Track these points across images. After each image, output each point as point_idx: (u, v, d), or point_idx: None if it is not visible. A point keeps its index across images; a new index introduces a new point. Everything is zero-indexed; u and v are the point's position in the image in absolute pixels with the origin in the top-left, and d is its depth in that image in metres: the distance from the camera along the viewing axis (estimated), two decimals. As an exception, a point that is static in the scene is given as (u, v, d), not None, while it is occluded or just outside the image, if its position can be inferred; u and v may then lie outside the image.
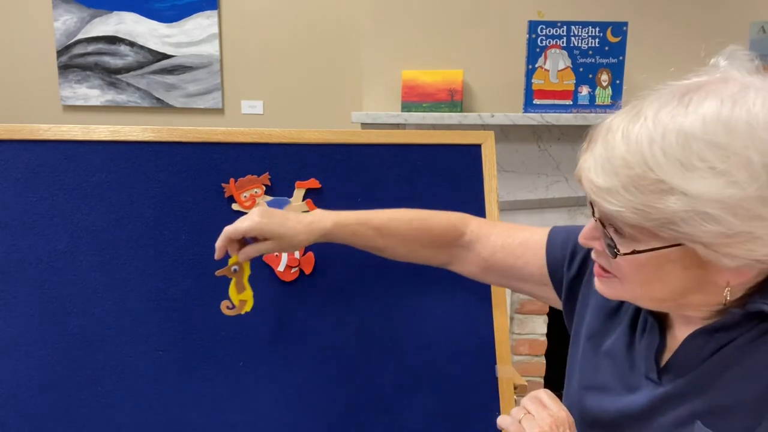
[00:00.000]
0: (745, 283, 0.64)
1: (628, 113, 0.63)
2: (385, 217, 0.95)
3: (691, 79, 0.63)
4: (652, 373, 0.72)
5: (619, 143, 0.61)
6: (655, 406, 0.71)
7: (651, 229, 0.61)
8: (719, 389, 0.66)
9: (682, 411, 0.68)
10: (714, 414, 0.66)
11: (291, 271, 1.08)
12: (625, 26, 2.21)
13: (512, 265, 0.92)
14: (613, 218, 0.63)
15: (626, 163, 0.60)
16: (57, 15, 2.88)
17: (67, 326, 1.02)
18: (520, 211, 2.42)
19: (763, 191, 0.56)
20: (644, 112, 0.61)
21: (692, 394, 0.68)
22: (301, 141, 1.11)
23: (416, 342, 1.07)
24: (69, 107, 2.99)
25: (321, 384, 1.05)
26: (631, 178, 0.59)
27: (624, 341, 0.78)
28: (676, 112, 0.59)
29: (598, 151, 0.63)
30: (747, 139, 0.56)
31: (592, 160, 0.63)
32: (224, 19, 2.88)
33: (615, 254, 0.65)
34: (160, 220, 1.07)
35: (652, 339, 0.74)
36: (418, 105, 2.31)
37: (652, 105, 0.61)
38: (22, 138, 1.06)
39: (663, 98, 0.62)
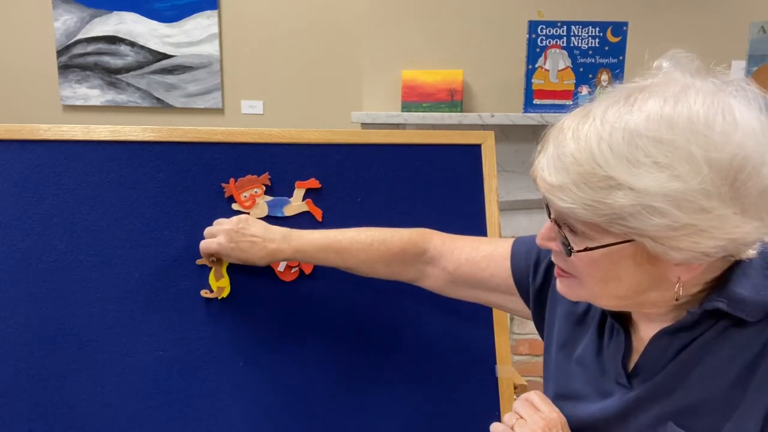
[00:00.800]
0: (696, 278, 0.65)
1: (578, 114, 0.65)
2: (345, 240, 0.97)
3: (637, 82, 0.65)
4: (621, 378, 0.73)
5: (569, 142, 0.63)
6: (627, 410, 0.71)
7: (602, 225, 0.62)
8: (687, 388, 0.67)
9: (654, 413, 0.69)
10: (685, 413, 0.67)
11: (291, 271, 1.08)
12: (625, 26, 2.21)
13: (478, 277, 0.94)
14: (566, 216, 0.65)
15: (576, 160, 0.62)
16: (57, 15, 2.88)
17: (67, 326, 1.02)
18: (520, 211, 2.42)
19: (705, 184, 0.57)
20: (593, 113, 0.63)
21: (662, 395, 0.69)
22: (301, 141, 1.11)
23: (416, 342, 1.07)
24: (69, 107, 2.99)
25: (321, 384, 1.05)
26: (581, 175, 0.61)
27: (593, 347, 0.79)
28: (622, 111, 0.61)
29: (550, 150, 0.65)
30: (688, 134, 0.58)
31: (545, 160, 0.66)
32: (224, 19, 2.88)
33: (569, 252, 0.66)
34: (160, 220, 1.07)
35: (618, 344, 0.75)
36: (418, 105, 2.31)
37: (600, 105, 0.64)
38: (22, 138, 1.06)
39: (610, 99, 0.64)
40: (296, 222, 1.09)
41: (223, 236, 0.99)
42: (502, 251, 0.93)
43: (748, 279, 0.66)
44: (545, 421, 0.73)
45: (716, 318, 0.67)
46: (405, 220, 1.10)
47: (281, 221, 1.08)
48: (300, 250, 0.97)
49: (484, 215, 1.12)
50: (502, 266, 0.92)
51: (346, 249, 0.97)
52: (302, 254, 0.98)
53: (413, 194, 1.12)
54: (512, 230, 2.45)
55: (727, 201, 0.58)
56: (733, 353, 0.66)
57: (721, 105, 0.59)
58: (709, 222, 0.59)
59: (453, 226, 1.11)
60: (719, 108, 0.59)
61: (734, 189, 0.58)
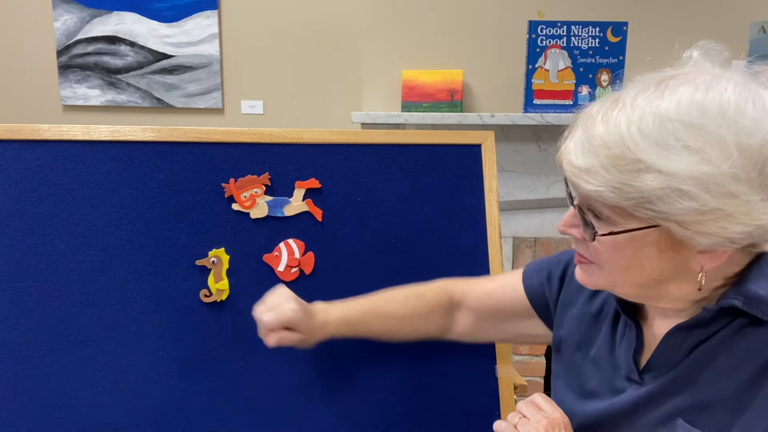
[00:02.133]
0: (718, 270, 0.65)
1: (607, 100, 0.66)
2: (380, 301, 0.98)
3: (667, 71, 0.66)
4: (633, 374, 0.73)
5: (598, 126, 0.63)
6: (638, 406, 0.71)
7: (628, 209, 0.62)
8: (699, 386, 0.67)
9: (664, 409, 0.69)
10: (695, 410, 0.67)
11: (291, 271, 1.08)
12: (625, 26, 2.21)
13: (498, 307, 0.96)
14: (592, 199, 0.65)
15: (605, 143, 0.62)
16: (57, 15, 2.88)
17: (67, 326, 1.02)
18: (520, 211, 2.42)
19: (735, 169, 0.58)
20: (622, 99, 0.64)
21: (673, 391, 0.69)
22: (301, 141, 1.11)
23: (416, 342, 1.07)
24: (69, 107, 2.99)
25: (321, 384, 1.05)
26: (610, 158, 0.61)
27: (606, 345, 0.79)
28: (652, 96, 0.62)
29: (578, 134, 0.65)
30: (719, 119, 0.59)
31: (573, 144, 0.66)
32: (224, 19, 2.88)
33: (593, 236, 0.66)
34: (160, 220, 1.07)
35: (629, 339, 0.75)
36: (418, 105, 2.31)
37: (630, 92, 0.64)
38: (22, 138, 1.06)
39: (640, 86, 0.64)
40: (296, 222, 1.09)
41: (293, 301, 0.91)
42: (514, 278, 0.96)
43: (766, 278, 0.65)
44: (548, 420, 0.73)
45: (733, 316, 0.66)
46: (405, 220, 1.10)
47: (281, 221, 1.08)
48: (342, 320, 0.96)
49: (484, 215, 1.12)
50: (516, 291, 0.94)
51: (383, 310, 0.97)
52: (344, 325, 0.96)
53: (413, 194, 1.12)
54: (512, 230, 2.45)
55: (756, 187, 0.59)
56: (748, 352, 0.65)
57: (752, 93, 0.60)
58: (737, 207, 0.59)
59: (453, 227, 1.11)
60: (750, 96, 0.60)
61: (763, 175, 0.59)
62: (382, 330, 0.98)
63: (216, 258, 1.06)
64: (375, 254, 1.09)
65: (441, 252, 1.10)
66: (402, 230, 1.10)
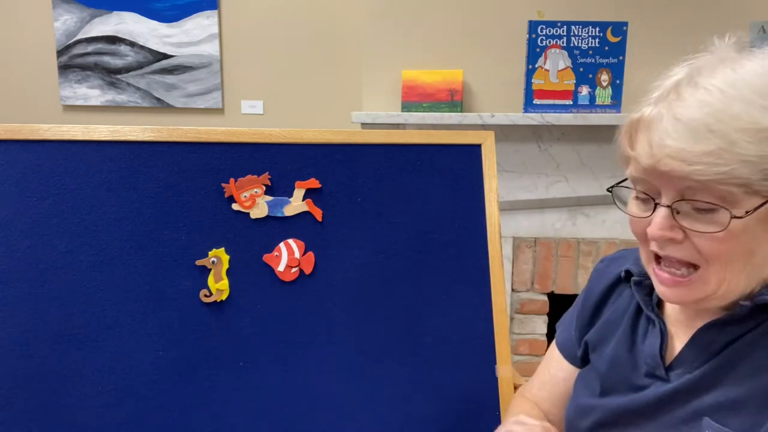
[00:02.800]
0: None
1: (669, 93, 0.64)
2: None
3: (695, 60, 0.67)
4: (659, 370, 0.72)
5: (695, 108, 0.61)
6: (662, 403, 0.70)
7: (755, 184, 0.60)
8: (729, 384, 0.66)
9: (691, 407, 0.68)
10: (723, 409, 0.65)
11: (291, 271, 1.08)
12: (625, 26, 2.21)
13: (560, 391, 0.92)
14: (711, 185, 0.61)
15: (720, 120, 0.60)
16: (57, 15, 2.88)
17: (67, 326, 1.02)
18: (520, 211, 2.43)
19: None
20: (695, 80, 0.63)
21: (701, 389, 0.68)
22: (301, 141, 1.11)
23: (416, 342, 1.07)
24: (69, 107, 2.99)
25: (321, 384, 1.05)
26: (735, 131, 0.59)
27: (625, 344, 0.78)
28: (737, 65, 0.62)
29: (672, 125, 0.62)
30: None
31: (671, 135, 0.62)
32: (224, 19, 2.88)
33: (729, 221, 0.61)
34: (160, 220, 1.07)
35: (654, 336, 0.74)
36: (418, 105, 2.31)
37: (701, 73, 0.63)
38: (22, 138, 1.06)
39: (707, 67, 0.64)
40: (296, 222, 1.09)
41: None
42: (552, 351, 0.95)
43: None
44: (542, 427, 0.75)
45: (766, 314, 0.66)
46: (405, 220, 1.10)
47: (281, 221, 1.08)
48: None
49: (484, 215, 1.12)
50: (559, 362, 0.93)
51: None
52: None
53: (413, 194, 1.12)
54: (512, 230, 2.45)
55: None
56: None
57: None
58: None
59: (453, 226, 1.11)
60: None
61: None
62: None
63: (216, 258, 1.06)
64: (375, 254, 1.09)
65: (441, 252, 1.10)
66: (402, 230, 1.10)
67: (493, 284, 1.09)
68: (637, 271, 0.79)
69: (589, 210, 2.43)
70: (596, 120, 2.22)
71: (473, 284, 1.09)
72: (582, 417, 0.80)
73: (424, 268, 1.09)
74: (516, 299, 2.50)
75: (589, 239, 2.45)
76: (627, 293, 0.83)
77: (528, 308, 2.50)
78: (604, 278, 0.87)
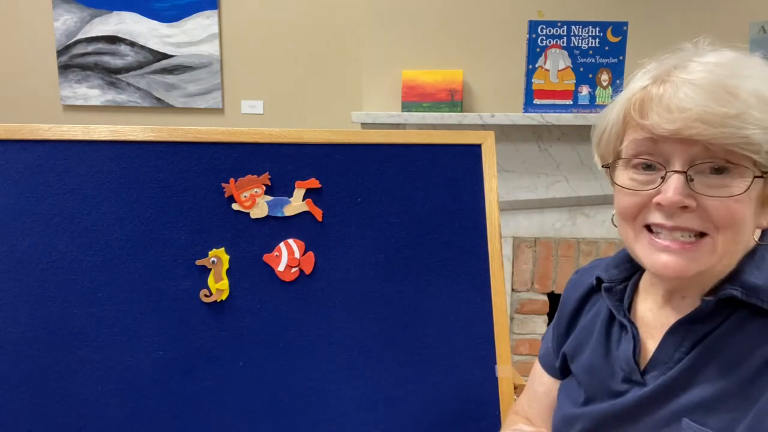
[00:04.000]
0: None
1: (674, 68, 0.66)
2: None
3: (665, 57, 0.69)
4: (635, 375, 0.72)
5: (708, 72, 0.63)
6: (641, 407, 0.70)
7: (760, 153, 0.61)
8: (703, 383, 0.66)
9: (669, 408, 0.68)
10: (700, 408, 0.65)
11: (291, 271, 1.08)
12: (625, 26, 2.21)
13: (545, 405, 0.92)
14: (737, 147, 0.61)
15: (736, 84, 0.61)
16: (57, 15, 2.88)
17: (67, 326, 1.02)
18: (520, 211, 2.42)
19: None
20: (691, 59, 0.65)
21: (677, 390, 0.68)
22: (301, 141, 1.11)
23: (416, 342, 1.07)
24: (69, 107, 2.99)
25: (321, 384, 1.05)
26: (753, 96, 0.61)
27: (600, 351, 0.78)
28: (716, 55, 0.65)
29: (692, 89, 0.62)
30: None
31: (694, 98, 0.61)
32: (224, 19, 2.88)
33: (749, 184, 0.62)
34: (160, 220, 1.07)
35: (627, 342, 0.74)
36: (418, 105, 2.31)
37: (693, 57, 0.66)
38: (22, 138, 1.06)
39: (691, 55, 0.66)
40: (296, 222, 1.09)
41: None
42: (536, 366, 0.94)
43: (760, 270, 0.65)
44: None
45: (730, 310, 0.66)
46: (405, 220, 1.10)
47: (281, 221, 1.08)
48: None
49: (484, 215, 1.12)
50: (541, 377, 0.93)
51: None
52: None
53: (413, 194, 1.12)
54: (512, 230, 2.45)
55: None
56: (752, 345, 0.64)
57: None
58: None
59: (453, 226, 1.11)
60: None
61: None
62: None
63: (216, 258, 1.06)
64: (375, 254, 1.09)
65: (441, 252, 1.10)
66: (402, 230, 1.10)
67: (493, 284, 1.09)
68: (607, 278, 0.79)
69: (589, 210, 2.43)
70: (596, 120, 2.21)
71: (473, 284, 1.09)
72: (567, 427, 0.80)
73: (424, 268, 1.09)
74: (516, 299, 2.50)
75: (589, 239, 2.45)
76: (600, 300, 0.83)
77: (528, 308, 2.50)
78: (577, 289, 0.87)
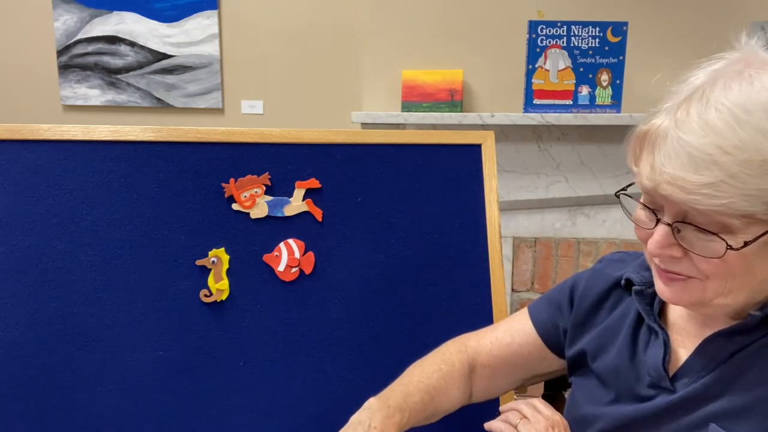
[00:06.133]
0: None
1: (680, 107, 0.62)
2: (421, 377, 0.89)
3: (719, 60, 0.64)
4: (663, 381, 0.71)
5: (700, 134, 0.59)
6: (668, 412, 0.69)
7: (758, 214, 0.59)
8: (736, 392, 0.65)
9: (697, 414, 0.67)
10: (730, 416, 0.65)
11: (291, 271, 1.08)
12: (625, 26, 2.21)
13: (511, 353, 0.91)
14: (711, 214, 0.60)
15: (724, 151, 0.58)
16: (57, 15, 2.88)
17: (67, 326, 1.02)
18: (520, 211, 2.42)
19: None
20: (706, 97, 0.60)
21: (708, 397, 0.67)
22: (301, 141, 1.11)
23: (416, 342, 1.07)
24: (69, 107, 2.99)
25: (321, 384, 1.05)
26: (739, 164, 0.57)
27: (627, 354, 0.77)
28: (755, 78, 0.59)
29: (675, 150, 0.60)
30: None
31: (672, 162, 0.60)
32: (224, 19, 2.88)
33: (725, 251, 0.60)
34: (160, 220, 1.07)
35: (657, 348, 0.73)
36: (418, 105, 2.31)
37: (716, 85, 0.61)
38: (22, 138, 1.06)
39: (717, 82, 0.61)
40: (296, 222, 1.09)
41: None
42: (520, 320, 0.92)
43: None
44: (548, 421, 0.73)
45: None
46: (405, 220, 1.10)
47: (281, 221, 1.08)
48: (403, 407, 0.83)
49: (484, 215, 1.12)
50: (526, 331, 0.91)
51: (432, 386, 0.88)
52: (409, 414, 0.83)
53: (413, 194, 1.12)
54: (512, 230, 2.45)
55: None
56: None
57: None
58: None
59: (453, 226, 1.11)
60: None
61: None
62: (432, 411, 0.88)
63: (216, 258, 1.06)
64: (375, 254, 1.09)
65: (441, 252, 1.10)
66: (402, 230, 1.10)
67: (493, 284, 1.09)
68: (638, 280, 0.78)
69: (589, 210, 2.43)
70: (596, 120, 2.22)
71: (473, 284, 1.09)
72: (585, 425, 0.79)
73: (424, 268, 1.09)
74: (516, 299, 2.50)
75: (589, 239, 2.45)
76: (626, 300, 0.81)
77: (528, 308, 2.50)
78: (600, 280, 0.86)
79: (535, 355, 0.90)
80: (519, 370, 0.93)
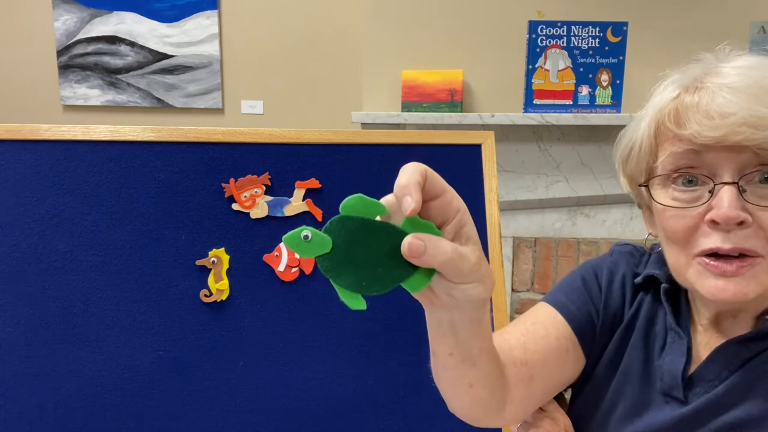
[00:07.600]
0: None
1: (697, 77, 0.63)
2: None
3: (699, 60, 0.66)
4: (676, 391, 0.68)
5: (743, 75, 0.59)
6: (681, 424, 0.67)
7: None
8: (750, 400, 0.63)
9: (712, 425, 0.65)
10: (745, 426, 0.63)
11: (291, 271, 1.08)
12: (625, 26, 2.21)
13: (547, 348, 0.75)
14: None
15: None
16: (57, 15, 2.88)
17: (67, 326, 1.02)
18: (520, 211, 2.42)
19: None
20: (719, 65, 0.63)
21: (722, 407, 0.65)
22: (301, 141, 1.11)
23: (416, 342, 1.07)
24: (69, 107, 2.99)
25: (321, 384, 1.05)
26: None
27: (639, 357, 0.74)
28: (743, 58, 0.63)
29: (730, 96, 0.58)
30: None
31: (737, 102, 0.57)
32: (224, 19, 2.88)
33: None
34: (160, 220, 1.07)
35: (677, 352, 0.70)
36: (418, 105, 2.31)
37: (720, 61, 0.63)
38: (22, 138, 1.06)
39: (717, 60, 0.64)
40: (296, 222, 1.09)
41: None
42: (542, 312, 0.80)
43: None
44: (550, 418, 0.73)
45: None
46: (405, 220, 1.10)
47: (281, 221, 1.08)
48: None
49: (484, 215, 1.12)
50: (557, 321, 0.77)
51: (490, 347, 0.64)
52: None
53: (413, 194, 1.11)
54: (512, 230, 2.45)
55: None
56: None
57: None
58: None
59: (453, 226, 1.11)
60: None
61: None
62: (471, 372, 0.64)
63: (216, 258, 1.06)
64: (375, 254, 1.09)
65: (441, 252, 1.10)
66: (402, 230, 1.10)
67: (493, 284, 1.09)
68: (665, 277, 0.73)
69: (589, 210, 2.43)
70: (596, 120, 2.22)
71: (473, 284, 1.09)
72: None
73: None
74: (516, 299, 2.50)
75: (589, 239, 2.45)
76: (639, 297, 0.77)
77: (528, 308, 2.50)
78: (620, 275, 0.80)
79: (571, 353, 0.77)
80: (558, 372, 0.76)
